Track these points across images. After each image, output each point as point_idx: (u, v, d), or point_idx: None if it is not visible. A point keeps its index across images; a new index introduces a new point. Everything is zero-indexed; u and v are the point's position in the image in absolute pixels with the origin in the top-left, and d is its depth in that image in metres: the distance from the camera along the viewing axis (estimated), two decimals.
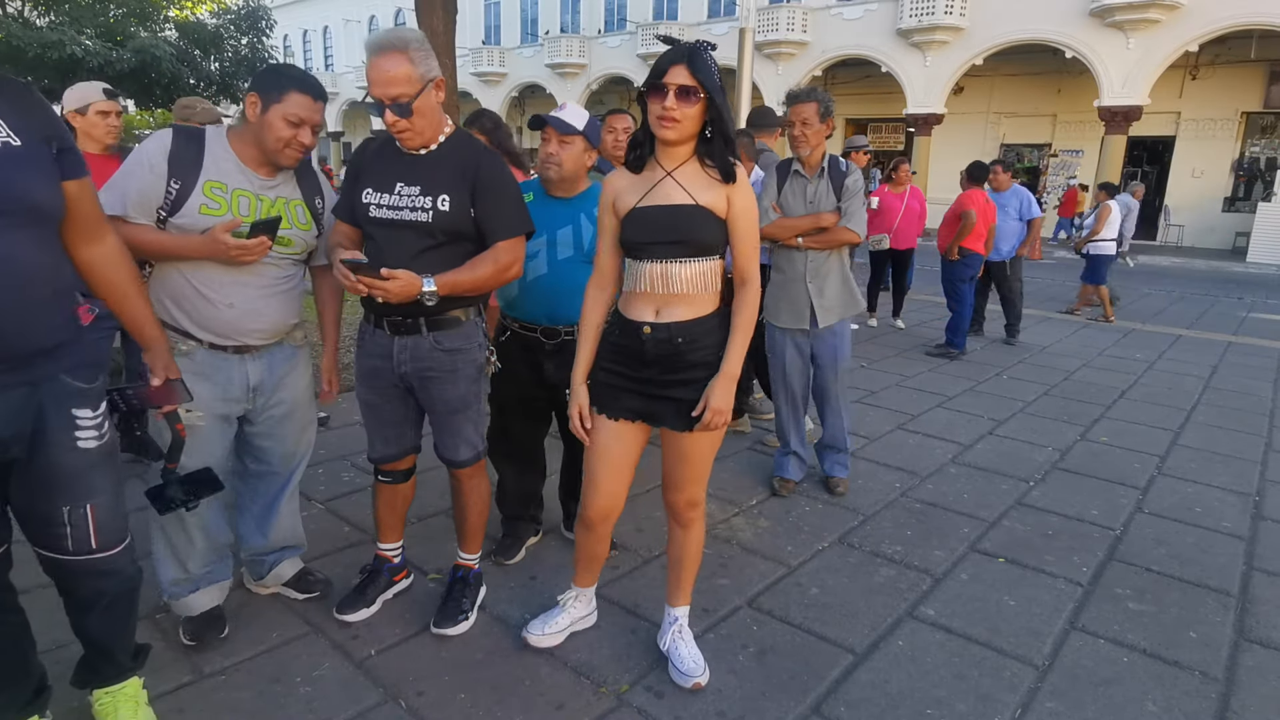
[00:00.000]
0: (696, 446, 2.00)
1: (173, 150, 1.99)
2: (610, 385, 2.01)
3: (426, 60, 1.96)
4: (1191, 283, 12.31)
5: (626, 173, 1.96)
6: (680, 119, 1.78)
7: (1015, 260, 7.02)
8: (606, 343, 2.03)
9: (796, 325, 3.32)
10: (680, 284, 1.89)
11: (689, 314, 1.92)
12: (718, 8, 23.44)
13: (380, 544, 2.48)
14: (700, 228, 1.87)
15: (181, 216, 1.99)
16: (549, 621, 2.27)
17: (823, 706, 2.07)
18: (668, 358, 1.93)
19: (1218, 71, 17.37)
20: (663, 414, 1.98)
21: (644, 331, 1.92)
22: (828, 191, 3.25)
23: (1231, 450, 4.23)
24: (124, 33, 15.30)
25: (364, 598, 2.40)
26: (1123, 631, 2.47)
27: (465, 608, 2.37)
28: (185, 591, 2.23)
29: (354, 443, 3.85)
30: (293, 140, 2.02)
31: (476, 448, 2.31)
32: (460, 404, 2.23)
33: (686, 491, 2.08)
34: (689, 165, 1.89)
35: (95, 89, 3.09)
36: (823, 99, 3.18)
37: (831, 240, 3.24)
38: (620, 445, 2.04)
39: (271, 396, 2.24)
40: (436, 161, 2.07)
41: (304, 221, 2.18)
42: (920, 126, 19.39)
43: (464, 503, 2.38)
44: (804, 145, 3.24)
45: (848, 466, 3.55)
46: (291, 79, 2.02)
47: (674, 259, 1.88)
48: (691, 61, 1.75)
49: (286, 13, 34.67)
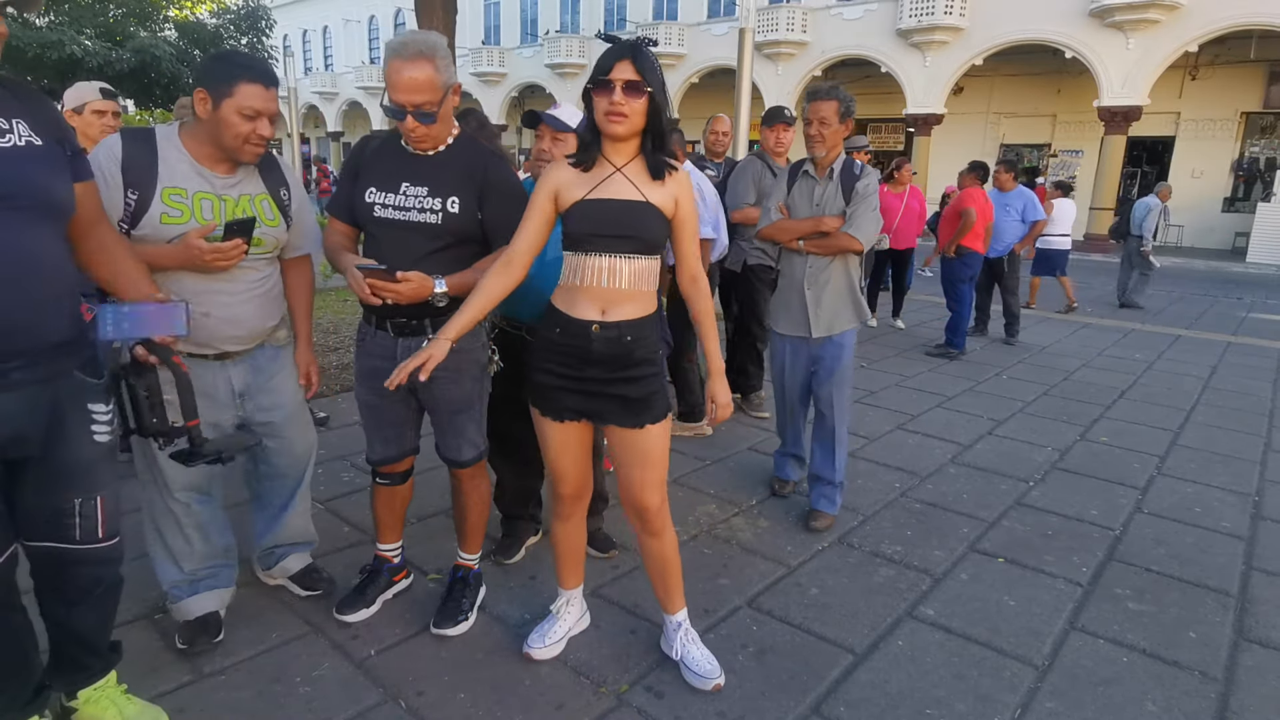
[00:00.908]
0: (650, 443, 1.99)
1: (124, 158, 1.91)
2: (551, 386, 1.99)
3: (449, 67, 1.96)
4: (1191, 283, 12.32)
5: (570, 167, 1.94)
6: (628, 113, 1.80)
7: (1013, 257, 7.04)
8: (544, 342, 1.99)
9: (794, 332, 3.17)
10: (626, 279, 1.89)
11: (636, 312, 1.92)
12: (717, 8, 23.44)
13: (379, 544, 2.48)
14: (649, 225, 1.88)
15: (142, 228, 1.92)
16: (546, 633, 2.25)
17: (822, 706, 2.07)
18: (616, 357, 1.92)
19: (1217, 72, 17.38)
20: (608, 412, 1.97)
21: (593, 330, 1.90)
22: (836, 194, 3.07)
23: (1231, 450, 4.23)
24: (123, 33, 15.30)
25: (364, 598, 2.40)
26: (1122, 631, 2.47)
27: (465, 608, 2.37)
28: (185, 594, 2.22)
29: (354, 443, 3.85)
30: (251, 135, 1.93)
31: (479, 447, 2.31)
32: (464, 404, 2.22)
33: (647, 492, 2.03)
34: (636, 162, 1.90)
35: (92, 88, 3.09)
36: (844, 99, 3.01)
37: (831, 246, 3.04)
38: (573, 441, 2.06)
39: (263, 400, 2.21)
40: (444, 163, 2.06)
41: (271, 217, 2.10)
42: (920, 127, 19.39)
43: (465, 503, 2.37)
44: (819, 145, 3.06)
45: (835, 503, 3.19)
46: (239, 67, 1.91)
47: (621, 254, 1.88)
48: (636, 57, 1.78)
49: (286, 13, 34.67)
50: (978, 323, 7.25)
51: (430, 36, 1.96)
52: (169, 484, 2.12)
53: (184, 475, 2.10)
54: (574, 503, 2.16)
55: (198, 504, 2.20)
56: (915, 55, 19.06)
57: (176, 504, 2.15)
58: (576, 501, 2.17)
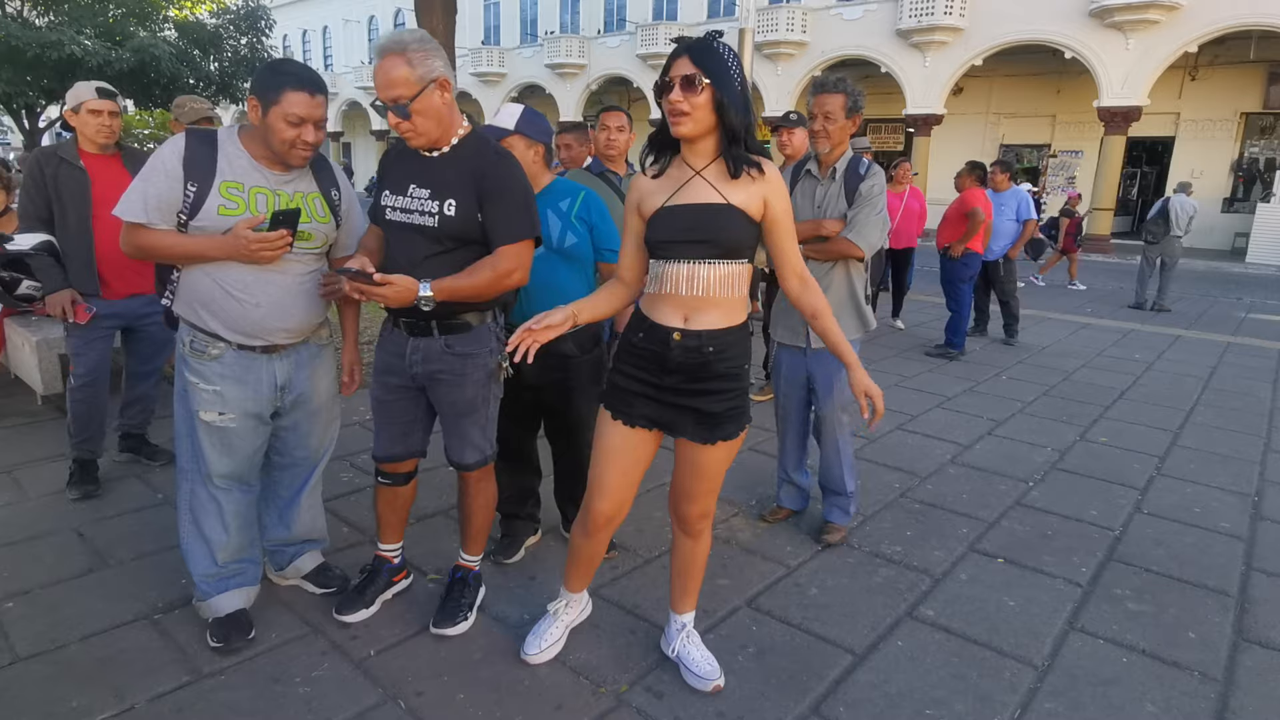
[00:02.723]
0: (714, 458, 1.94)
1: (187, 154, 2.02)
2: (627, 390, 1.93)
3: (426, 61, 1.94)
4: (1190, 283, 12.32)
5: (650, 178, 1.90)
6: (689, 110, 1.71)
7: (1009, 261, 7.04)
8: (627, 345, 1.94)
9: (791, 341, 3.02)
10: (707, 286, 1.80)
11: (720, 322, 1.84)
12: (717, 8, 23.44)
13: (380, 544, 2.48)
14: (729, 227, 1.78)
15: (201, 219, 2.03)
16: (542, 635, 2.21)
17: (822, 707, 2.07)
18: (694, 367, 1.85)
19: (1217, 72, 17.38)
20: (681, 424, 1.91)
21: (674, 338, 1.83)
22: (838, 195, 2.90)
23: (1230, 451, 4.23)
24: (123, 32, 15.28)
25: (363, 598, 2.40)
26: (1122, 632, 2.47)
27: (465, 608, 2.37)
28: (214, 591, 2.26)
29: (354, 443, 3.85)
30: (297, 140, 2.03)
31: (484, 452, 2.30)
32: (467, 408, 2.21)
33: (700, 503, 2.01)
34: (718, 164, 1.81)
35: (89, 88, 3.08)
36: (852, 92, 2.84)
37: (829, 251, 2.87)
38: (632, 453, 1.96)
39: (299, 394, 2.30)
40: (447, 164, 2.06)
41: (322, 214, 2.21)
42: (920, 127, 19.39)
43: (469, 505, 2.37)
44: (823, 141, 2.88)
45: (848, 513, 3.09)
46: (286, 77, 1.99)
47: (701, 260, 1.79)
48: (693, 51, 1.71)
49: (286, 13, 34.68)
50: (977, 323, 7.26)
51: (405, 33, 1.97)
52: (211, 473, 2.19)
53: (226, 464, 2.19)
54: (606, 523, 2.03)
55: (239, 492, 2.26)
56: (915, 55, 19.06)
57: (219, 491, 2.22)
58: (609, 523, 2.04)
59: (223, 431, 2.16)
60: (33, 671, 2.10)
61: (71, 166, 3.08)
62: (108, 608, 2.39)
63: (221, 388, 2.14)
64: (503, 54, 28.82)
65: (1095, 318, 8.54)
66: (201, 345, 2.13)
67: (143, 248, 2.06)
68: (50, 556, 2.70)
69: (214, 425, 2.15)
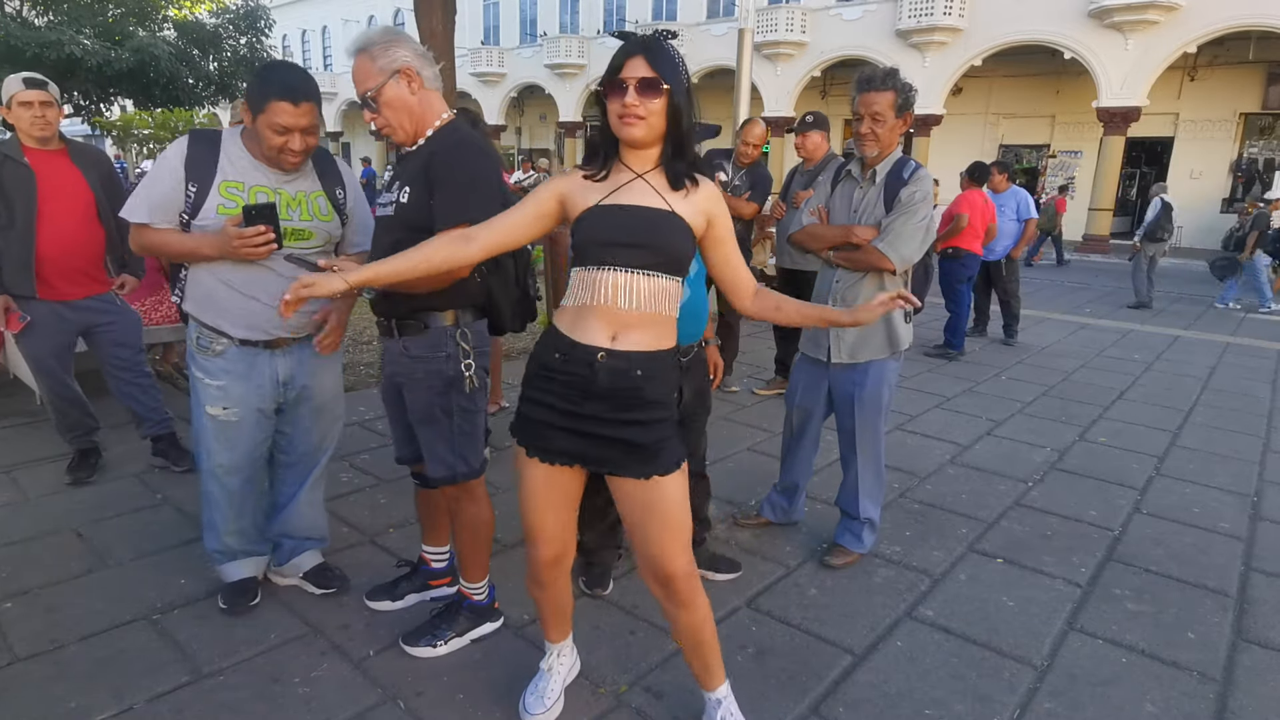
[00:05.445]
0: (661, 494, 1.67)
1: (189, 155, 2.08)
2: (540, 421, 1.69)
3: (387, 53, 1.90)
4: (1190, 283, 12.32)
5: (582, 177, 1.70)
6: (645, 114, 1.57)
7: (1010, 261, 7.04)
8: (539, 367, 1.71)
9: (813, 352, 2.80)
10: (641, 300, 1.61)
11: (651, 344, 1.65)
12: (717, 8, 23.43)
13: (422, 543, 2.47)
14: (672, 237, 1.62)
15: (202, 218, 2.08)
16: (544, 695, 2.00)
17: (821, 707, 2.07)
18: (622, 392, 1.64)
19: (1216, 73, 17.38)
20: (611, 459, 1.67)
21: (598, 358, 1.62)
22: (877, 201, 2.61)
23: (1230, 451, 4.24)
24: (122, 32, 15.29)
25: (393, 591, 2.41)
26: (1121, 632, 2.47)
27: (441, 635, 2.24)
28: (224, 560, 2.42)
29: (354, 443, 3.85)
30: (284, 147, 2.06)
31: (452, 469, 2.10)
32: (425, 416, 2.07)
33: (667, 557, 1.69)
34: (658, 172, 1.66)
35: (16, 80, 2.96)
36: (903, 88, 2.51)
37: (859, 261, 2.59)
38: (560, 490, 1.75)
39: (302, 390, 2.33)
40: (417, 155, 2.01)
41: (325, 213, 2.23)
42: (919, 127, 19.34)
43: (453, 525, 2.25)
44: (871, 145, 2.58)
45: (862, 540, 2.84)
46: (271, 86, 2.00)
47: (637, 269, 1.61)
48: (650, 52, 1.58)
49: (286, 13, 34.64)
50: (977, 323, 7.26)
51: (369, 31, 1.98)
52: (215, 465, 2.28)
53: (230, 456, 2.27)
54: (552, 568, 1.84)
55: (243, 483, 2.34)
56: (914, 56, 19.05)
57: (227, 480, 2.31)
58: (555, 566, 1.84)
59: (227, 425, 2.23)
60: (32, 672, 2.10)
61: (16, 164, 2.96)
62: (107, 608, 2.40)
63: (226, 383, 2.19)
64: (502, 54, 28.80)
65: (1094, 318, 8.54)
66: (207, 341, 2.18)
67: (147, 246, 2.15)
68: (49, 557, 2.70)
69: (219, 419, 2.22)
